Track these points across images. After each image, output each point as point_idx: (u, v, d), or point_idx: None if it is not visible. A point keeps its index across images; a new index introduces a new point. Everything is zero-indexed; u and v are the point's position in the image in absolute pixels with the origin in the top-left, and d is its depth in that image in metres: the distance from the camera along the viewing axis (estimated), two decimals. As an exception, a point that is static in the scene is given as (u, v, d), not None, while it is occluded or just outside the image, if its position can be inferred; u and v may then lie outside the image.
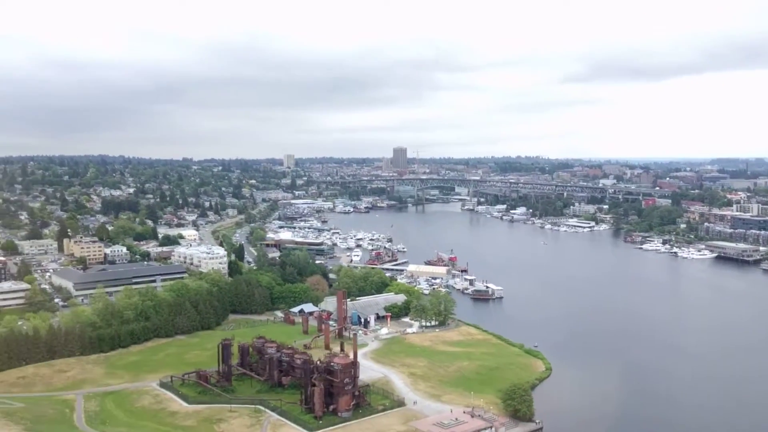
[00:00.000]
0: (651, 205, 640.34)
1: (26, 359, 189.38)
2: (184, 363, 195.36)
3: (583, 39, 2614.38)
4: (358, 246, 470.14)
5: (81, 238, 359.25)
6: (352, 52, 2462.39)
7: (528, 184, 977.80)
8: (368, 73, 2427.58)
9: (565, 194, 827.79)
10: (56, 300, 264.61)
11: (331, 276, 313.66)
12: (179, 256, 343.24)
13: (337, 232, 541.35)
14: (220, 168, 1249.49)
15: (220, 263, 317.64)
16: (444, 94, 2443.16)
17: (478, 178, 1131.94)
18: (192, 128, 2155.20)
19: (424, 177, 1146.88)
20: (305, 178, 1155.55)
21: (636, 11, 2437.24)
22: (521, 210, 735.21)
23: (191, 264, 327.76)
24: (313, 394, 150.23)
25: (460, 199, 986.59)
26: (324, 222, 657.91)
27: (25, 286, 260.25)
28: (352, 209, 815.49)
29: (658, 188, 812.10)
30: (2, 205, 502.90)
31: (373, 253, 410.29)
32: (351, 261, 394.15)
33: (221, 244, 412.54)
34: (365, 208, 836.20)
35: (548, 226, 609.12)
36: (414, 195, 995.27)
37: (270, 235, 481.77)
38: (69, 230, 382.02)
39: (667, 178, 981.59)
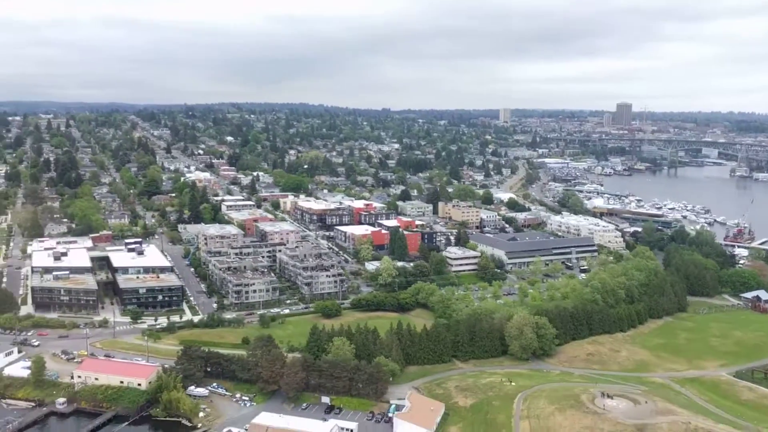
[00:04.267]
0: None
1: (573, 335, 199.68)
2: (720, 351, 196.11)
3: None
4: (684, 217, 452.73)
5: (458, 202, 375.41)
6: (568, 1, 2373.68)
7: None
8: (582, 23, 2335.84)
9: None
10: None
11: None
12: (558, 225, 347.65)
13: (639, 199, 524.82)
14: (446, 122, 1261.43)
15: (616, 237, 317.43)
16: (665, 45, 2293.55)
17: (723, 140, 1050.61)
18: (390, 79, 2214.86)
19: (664, 137, 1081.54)
20: (530, 133, 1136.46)
21: None
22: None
23: (577, 234, 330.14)
24: None
25: (715, 163, 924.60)
26: (601, 185, 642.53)
27: (473, 253, 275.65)
28: (612, 171, 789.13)
29: None
30: (321, 161, 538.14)
31: (735, 230, 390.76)
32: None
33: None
34: (624, 170, 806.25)
35: None
36: (660, 156, 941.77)
37: (587, 202, 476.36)
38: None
39: None
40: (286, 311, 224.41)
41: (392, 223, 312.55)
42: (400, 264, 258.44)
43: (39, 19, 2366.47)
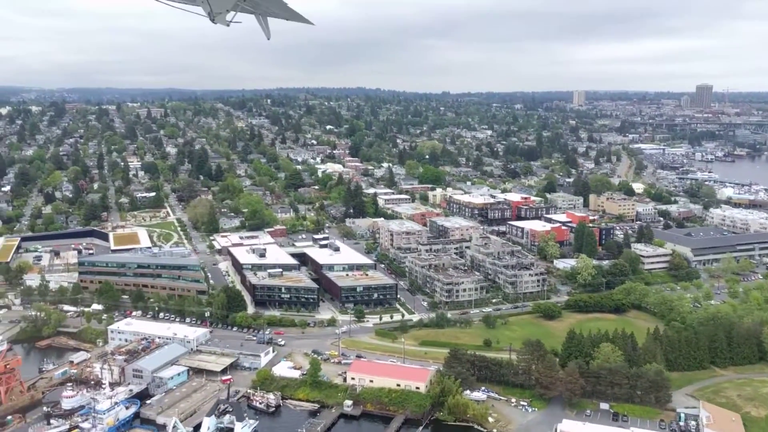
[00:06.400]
0: None
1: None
2: None
3: None
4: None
5: (611, 194, 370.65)
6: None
7: None
8: (651, 2, 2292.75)
9: None
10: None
11: None
12: (721, 219, 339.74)
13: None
14: (521, 106, 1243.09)
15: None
16: (742, 23, 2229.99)
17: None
18: (449, 62, 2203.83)
19: (754, 120, 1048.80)
20: (610, 117, 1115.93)
21: None
22: None
23: (745, 229, 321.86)
24: None
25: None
26: (710, 172, 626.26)
27: (663, 250, 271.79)
28: (713, 157, 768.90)
29: None
30: (440, 151, 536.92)
31: None
32: None
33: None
34: (724, 156, 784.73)
35: None
36: (754, 140, 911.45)
37: (717, 192, 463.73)
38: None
39: None
40: (492, 310, 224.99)
41: (561, 217, 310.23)
42: (594, 262, 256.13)
43: (113, 11, 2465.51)
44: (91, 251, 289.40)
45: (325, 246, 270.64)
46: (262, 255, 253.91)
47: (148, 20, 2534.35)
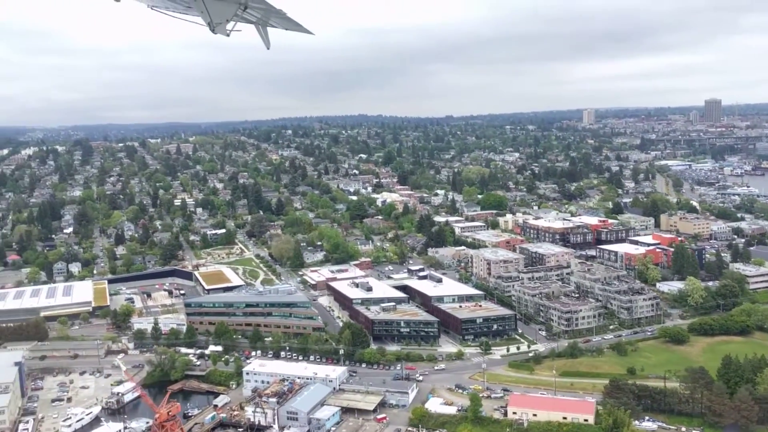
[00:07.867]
0: None
1: None
2: None
3: None
4: None
5: (684, 214, 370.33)
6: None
7: None
8: (655, 21, 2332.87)
9: None
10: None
11: None
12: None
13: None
14: (534, 127, 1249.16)
15: None
16: (738, 37, 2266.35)
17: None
18: (450, 86, 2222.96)
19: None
20: (624, 134, 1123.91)
21: None
22: None
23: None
24: None
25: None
26: (748, 186, 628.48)
27: (765, 270, 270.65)
28: (742, 172, 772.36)
29: None
30: (487, 175, 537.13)
31: None
32: None
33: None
34: (752, 170, 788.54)
35: None
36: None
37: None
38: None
39: None
40: (612, 337, 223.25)
41: (647, 239, 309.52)
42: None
43: (111, 48, 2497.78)
44: (182, 291, 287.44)
45: (424, 278, 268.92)
46: (369, 289, 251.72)
47: (146, 56, 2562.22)
